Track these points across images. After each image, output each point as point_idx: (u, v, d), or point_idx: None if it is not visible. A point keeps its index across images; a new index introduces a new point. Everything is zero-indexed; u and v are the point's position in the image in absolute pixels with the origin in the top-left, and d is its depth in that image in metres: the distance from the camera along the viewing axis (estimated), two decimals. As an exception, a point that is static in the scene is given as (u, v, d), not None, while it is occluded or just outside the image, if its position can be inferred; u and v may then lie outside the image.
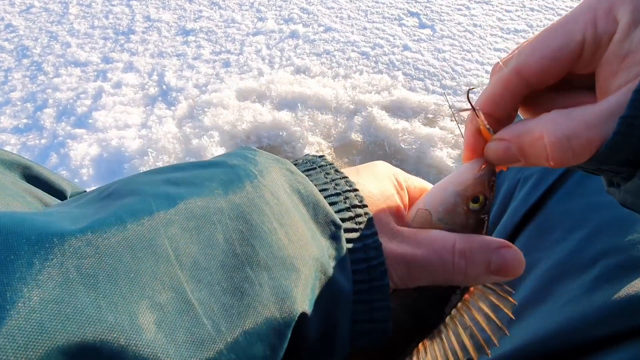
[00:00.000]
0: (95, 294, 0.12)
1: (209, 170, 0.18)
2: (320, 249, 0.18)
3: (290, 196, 0.19)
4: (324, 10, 1.73)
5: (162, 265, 0.14)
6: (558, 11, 1.69)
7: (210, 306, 0.14)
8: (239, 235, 0.16)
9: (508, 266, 0.21)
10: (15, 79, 1.48)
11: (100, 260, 0.13)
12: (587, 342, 0.29)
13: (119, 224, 0.14)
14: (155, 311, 0.13)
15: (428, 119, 1.29)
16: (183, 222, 0.15)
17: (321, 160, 0.23)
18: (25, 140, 1.27)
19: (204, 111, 1.30)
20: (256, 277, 0.15)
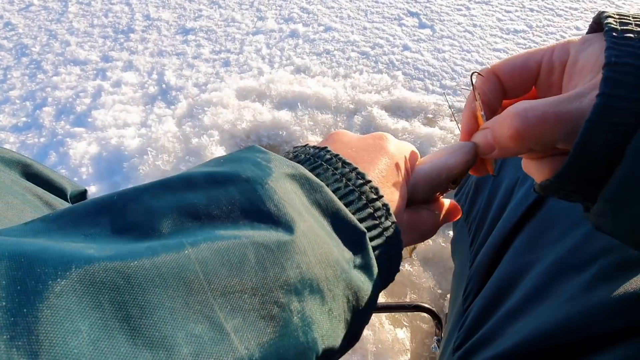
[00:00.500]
0: (131, 331, 0.12)
1: (225, 191, 0.17)
2: (346, 261, 0.18)
3: (309, 209, 0.19)
4: (324, 9, 1.73)
5: (195, 293, 0.14)
6: (557, 12, 1.69)
7: (245, 334, 0.14)
8: (270, 255, 0.16)
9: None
10: (14, 77, 1.48)
11: (132, 291, 0.13)
12: (586, 339, 0.30)
13: (149, 252, 0.14)
14: (191, 343, 0.13)
15: (428, 119, 1.29)
16: (212, 245, 0.15)
17: (325, 154, 0.23)
18: (24, 138, 1.27)
19: (204, 110, 1.30)
20: (287, 303, 0.16)
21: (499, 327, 0.37)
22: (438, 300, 0.90)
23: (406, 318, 0.84)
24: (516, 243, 0.41)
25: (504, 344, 0.34)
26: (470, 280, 0.45)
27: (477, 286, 0.44)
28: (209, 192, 0.17)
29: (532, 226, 0.40)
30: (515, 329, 0.35)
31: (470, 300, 0.44)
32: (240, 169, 0.19)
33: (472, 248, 0.49)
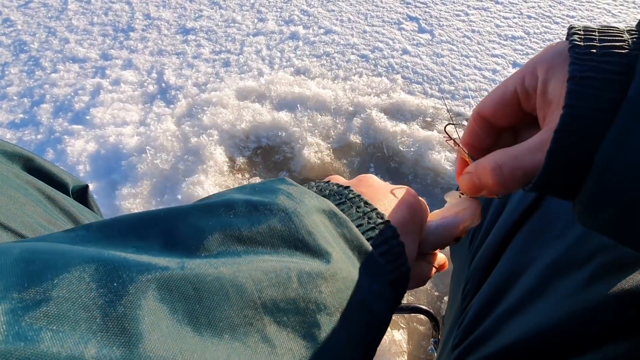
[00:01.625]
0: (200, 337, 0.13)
1: (265, 219, 0.19)
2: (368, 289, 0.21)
3: (336, 240, 0.21)
4: (324, 12, 1.74)
5: (248, 308, 0.15)
6: (554, 19, 1.71)
7: (290, 348, 0.16)
8: (308, 278, 0.18)
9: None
10: (12, 73, 1.47)
11: (201, 301, 0.14)
12: (584, 336, 0.30)
13: (211, 265, 0.16)
14: (245, 353, 0.14)
15: (426, 122, 1.30)
16: (262, 265, 0.17)
17: (349, 193, 0.25)
18: (21, 135, 1.26)
19: (203, 110, 1.30)
20: (322, 324, 0.17)
21: (497, 324, 0.37)
22: (435, 302, 0.90)
23: (403, 320, 0.85)
24: (514, 242, 0.41)
25: (501, 341, 0.35)
26: (469, 280, 0.46)
27: (476, 285, 0.44)
28: (250, 218, 0.19)
29: (529, 226, 0.40)
30: (513, 326, 0.35)
31: (469, 298, 0.44)
32: (277, 199, 0.21)
33: (471, 248, 0.49)
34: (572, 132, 0.20)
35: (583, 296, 0.31)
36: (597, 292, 0.30)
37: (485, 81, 1.42)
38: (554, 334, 0.31)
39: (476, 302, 0.42)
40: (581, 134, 0.20)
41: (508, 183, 0.24)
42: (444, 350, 0.44)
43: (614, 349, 0.28)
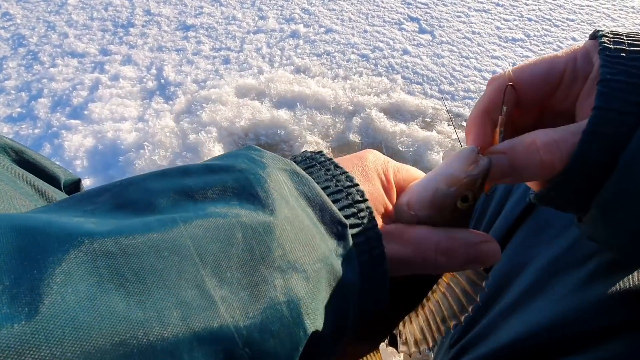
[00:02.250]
0: (125, 292, 0.13)
1: (219, 177, 0.19)
2: (328, 249, 0.19)
3: (297, 199, 0.20)
4: (325, 11, 1.74)
5: (186, 263, 0.15)
6: (554, 22, 1.72)
7: (231, 303, 0.15)
8: (256, 235, 0.17)
9: (485, 259, 0.23)
10: (10, 67, 1.46)
11: (128, 259, 0.13)
12: (581, 334, 0.30)
13: (144, 226, 0.15)
14: (180, 308, 0.14)
15: (426, 123, 1.30)
16: (204, 223, 0.16)
17: (320, 157, 0.24)
18: (18, 129, 1.25)
19: (202, 107, 1.29)
20: (271, 278, 0.16)
21: (494, 323, 0.37)
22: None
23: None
24: (513, 241, 0.41)
25: (499, 339, 0.35)
26: (466, 278, 0.45)
27: (474, 284, 0.44)
28: (204, 178, 0.19)
29: (529, 224, 0.40)
30: (510, 325, 0.35)
31: (467, 297, 0.44)
32: (235, 162, 0.20)
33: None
34: (599, 134, 0.20)
35: (581, 295, 0.31)
36: (595, 292, 0.30)
37: (485, 82, 1.42)
38: (552, 333, 0.31)
39: (474, 301, 0.42)
40: (608, 136, 0.20)
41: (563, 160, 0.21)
42: (440, 349, 0.44)
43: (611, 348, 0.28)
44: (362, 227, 0.21)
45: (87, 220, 0.15)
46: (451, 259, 0.22)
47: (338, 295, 0.19)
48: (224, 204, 0.17)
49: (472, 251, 0.22)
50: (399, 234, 0.23)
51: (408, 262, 0.22)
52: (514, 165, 0.23)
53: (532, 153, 0.22)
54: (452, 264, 0.22)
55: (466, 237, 0.23)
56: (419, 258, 0.22)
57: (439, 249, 0.22)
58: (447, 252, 0.22)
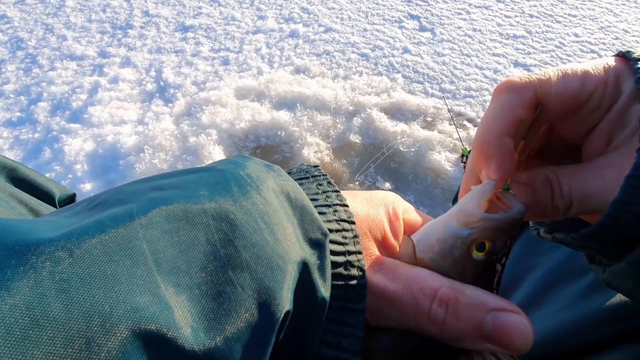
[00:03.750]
0: (68, 298, 0.12)
1: (196, 175, 0.18)
2: (304, 252, 0.17)
3: (278, 197, 0.18)
4: (324, 10, 1.72)
5: (139, 268, 0.14)
6: (556, 18, 1.70)
7: (190, 310, 0.14)
8: (221, 236, 0.15)
9: (506, 334, 0.17)
10: (9, 71, 1.46)
11: (73, 264, 0.13)
12: (581, 346, 0.29)
13: (98, 229, 0.14)
14: (129, 314, 0.13)
15: (427, 122, 1.29)
16: (163, 224, 0.15)
17: (315, 171, 0.22)
18: (18, 134, 1.25)
19: (202, 109, 1.29)
20: (237, 280, 0.15)
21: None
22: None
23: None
24: (514, 250, 0.41)
25: (501, 352, 0.34)
26: (468, 287, 0.45)
27: (476, 293, 0.43)
28: (181, 177, 0.18)
29: (526, 235, 0.40)
30: (512, 337, 0.35)
31: (469, 307, 0.43)
32: (217, 165, 0.19)
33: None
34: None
35: (581, 307, 0.30)
36: (594, 303, 0.30)
37: (486, 80, 1.41)
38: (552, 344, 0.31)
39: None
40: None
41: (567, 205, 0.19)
42: (443, 359, 0.44)
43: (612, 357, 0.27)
44: (344, 248, 0.18)
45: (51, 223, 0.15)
46: (452, 318, 0.17)
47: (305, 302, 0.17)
48: (191, 193, 0.16)
49: (485, 318, 0.17)
50: (391, 267, 0.19)
51: (394, 301, 0.18)
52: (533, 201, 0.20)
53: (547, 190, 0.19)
54: (454, 326, 0.17)
55: (479, 295, 0.17)
56: (409, 299, 0.18)
57: (437, 296, 0.18)
58: (448, 303, 0.17)
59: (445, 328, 0.17)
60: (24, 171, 0.38)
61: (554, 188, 0.20)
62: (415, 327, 0.18)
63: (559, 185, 0.20)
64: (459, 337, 0.18)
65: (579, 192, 0.19)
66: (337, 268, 0.18)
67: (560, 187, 0.19)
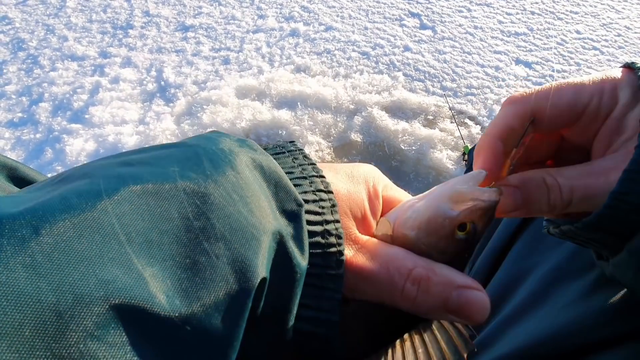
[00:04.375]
0: (35, 273, 0.12)
1: (166, 151, 0.18)
2: (279, 223, 0.18)
3: (251, 171, 0.18)
4: (325, 9, 1.72)
5: (110, 243, 0.13)
6: (558, 15, 1.69)
7: (164, 281, 0.14)
8: (194, 209, 0.15)
9: (468, 308, 0.19)
10: (10, 72, 1.46)
11: (39, 241, 0.12)
12: (584, 344, 0.29)
13: (63, 204, 0.14)
14: (101, 287, 0.12)
15: (428, 120, 1.28)
16: (134, 199, 0.15)
17: (291, 146, 0.22)
18: (19, 134, 1.26)
19: (203, 108, 1.29)
20: (212, 250, 0.15)
21: (496, 332, 0.36)
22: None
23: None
24: (515, 248, 0.40)
25: (501, 349, 0.34)
26: (469, 286, 0.45)
27: (476, 291, 0.43)
28: (150, 152, 0.18)
29: (531, 231, 0.40)
30: (512, 334, 0.35)
31: (469, 305, 0.43)
32: (188, 140, 0.19)
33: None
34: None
35: (584, 305, 0.30)
36: (598, 301, 0.30)
37: (487, 78, 1.41)
38: (555, 342, 0.31)
39: (476, 309, 0.41)
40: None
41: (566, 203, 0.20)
42: (443, 357, 0.44)
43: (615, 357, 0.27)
44: (321, 218, 0.19)
45: (13, 198, 0.14)
46: (423, 294, 0.19)
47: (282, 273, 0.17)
48: (161, 169, 0.16)
49: (452, 294, 0.19)
50: (370, 246, 0.20)
51: (371, 279, 0.19)
52: (527, 201, 0.21)
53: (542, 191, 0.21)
54: (424, 302, 0.19)
55: (448, 274, 0.19)
56: (385, 278, 0.19)
57: (411, 276, 0.19)
58: (420, 282, 0.19)
59: (416, 303, 0.19)
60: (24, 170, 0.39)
61: (552, 188, 0.21)
62: (388, 302, 0.20)
63: (558, 185, 0.21)
64: (427, 311, 0.20)
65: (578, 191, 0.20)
66: (315, 237, 0.19)
67: (559, 187, 0.21)
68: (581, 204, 0.21)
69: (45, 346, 0.11)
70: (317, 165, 0.21)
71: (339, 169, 0.23)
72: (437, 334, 0.21)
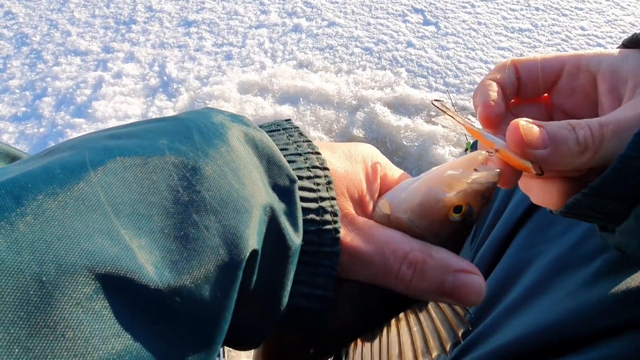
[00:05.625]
0: (17, 244, 0.12)
1: (156, 124, 0.17)
2: (271, 198, 0.17)
3: (243, 145, 0.18)
4: (327, 4, 1.71)
5: (95, 213, 0.13)
6: (563, 11, 1.68)
7: (152, 252, 0.14)
8: (183, 182, 0.15)
9: (463, 291, 0.18)
10: (14, 66, 1.47)
11: (21, 209, 0.12)
12: (586, 333, 0.29)
13: (46, 175, 0.13)
14: (86, 257, 0.12)
15: (431, 117, 1.28)
16: (120, 172, 0.14)
17: (286, 124, 0.22)
18: (23, 128, 1.27)
19: (205, 103, 1.29)
20: (202, 221, 0.15)
21: (498, 321, 0.36)
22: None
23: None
24: (518, 238, 0.40)
25: (503, 338, 0.34)
26: (470, 276, 0.45)
27: (478, 282, 0.43)
28: (140, 125, 0.17)
29: (534, 221, 0.40)
30: (514, 323, 0.35)
31: (471, 295, 0.43)
32: (180, 115, 0.18)
33: (473, 244, 0.48)
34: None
35: (587, 294, 0.30)
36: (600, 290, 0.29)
37: (490, 74, 1.40)
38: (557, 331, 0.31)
39: (478, 299, 0.41)
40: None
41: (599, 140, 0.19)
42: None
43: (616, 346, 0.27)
44: (316, 195, 0.18)
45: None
46: (418, 278, 0.18)
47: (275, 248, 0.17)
48: (150, 142, 0.16)
49: (447, 278, 0.18)
50: (366, 228, 0.19)
51: (365, 260, 0.19)
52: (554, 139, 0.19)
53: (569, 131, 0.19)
54: (420, 285, 0.19)
55: (445, 258, 0.19)
56: (380, 261, 0.19)
57: (407, 259, 0.18)
58: (416, 265, 0.18)
59: (411, 286, 0.19)
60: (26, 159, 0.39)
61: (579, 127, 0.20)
62: (382, 284, 0.19)
63: (586, 125, 0.19)
64: (422, 293, 0.19)
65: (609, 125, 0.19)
66: (310, 214, 0.18)
67: (587, 126, 0.19)
68: (615, 141, 0.19)
69: (28, 315, 0.11)
70: (312, 143, 0.21)
71: (336, 148, 0.22)
72: (432, 313, 0.21)
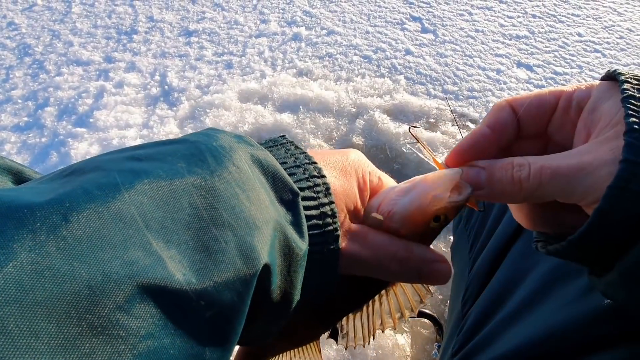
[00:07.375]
0: (69, 254, 0.13)
1: (171, 147, 0.20)
2: (278, 213, 0.20)
3: (251, 166, 0.20)
4: (326, 13, 1.73)
5: (130, 229, 0.15)
6: (559, 18, 1.70)
7: (181, 262, 0.16)
8: (202, 201, 0.17)
9: (435, 276, 0.24)
10: (16, 77, 1.49)
11: (69, 227, 0.14)
12: (581, 344, 0.30)
13: (85, 195, 0.15)
14: (127, 267, 0.14)
15: (430, 124, 1.29)
16: (148, 192, 0.16)
17: (282, 139, 0.25)
18: (25, 138, 1.28)
19: (206, 112, 1.30)
20: (221, 236, 0.17)
21: (496, 331, 0.37)
22: (439, 306, 0.90)
23: (407, 324, 0.84)
24: (514, 249, 0.41)
25: (500, 348, 0.34)
26: (469, 286, 0.45)
27: (476, 291, 0.43)
28: (156, 148, 0.20)
29: (529, 232, 0.40)
30: (511, 333, 0.35)
31: (469, 305, 0.44)
32: (190, 137, 0.21)
33: (471, 254, 0.49)
34: (628, 191, 0.18)
35: (582, 305, 0.30)
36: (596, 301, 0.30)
37: (489, 81, 1.41)
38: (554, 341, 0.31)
39: (476, 309, 0.41)
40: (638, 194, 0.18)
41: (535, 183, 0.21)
42: (444, 357, 0.44)
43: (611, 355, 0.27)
44: (317, 202, 0.22)
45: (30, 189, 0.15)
46: (404, 269, 0.24)
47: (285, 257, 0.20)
48: (170, 165, 0.18)
49: (425, 268, 0.24)
50: (362, 235, 0.24)
51: (364, 263, 0.23)
52: (490, 178, 0.22)
53: (507, 169, 0.22)
54: (404, 274, 0.24)
55: (423, 253, 0.24)
56: (375, 262, 0.23)
57: (395, 258, 0.23)
58: (402, 261, 0.23)
59: (398, 276, 0.24)
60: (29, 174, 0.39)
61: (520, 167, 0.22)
62: (374, 276, 0.24)
63: (527, 164, 0.21)
64: (406, 280, 0.26)
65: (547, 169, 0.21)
66: (313, 220, 0.22)
67: (528, 165, 0.21)
68: (552, 186, 0.21)
69: (79, 316, 0.13)
70: (308, 154, 0.24)
71: (329, 160, 0.25)
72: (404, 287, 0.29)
